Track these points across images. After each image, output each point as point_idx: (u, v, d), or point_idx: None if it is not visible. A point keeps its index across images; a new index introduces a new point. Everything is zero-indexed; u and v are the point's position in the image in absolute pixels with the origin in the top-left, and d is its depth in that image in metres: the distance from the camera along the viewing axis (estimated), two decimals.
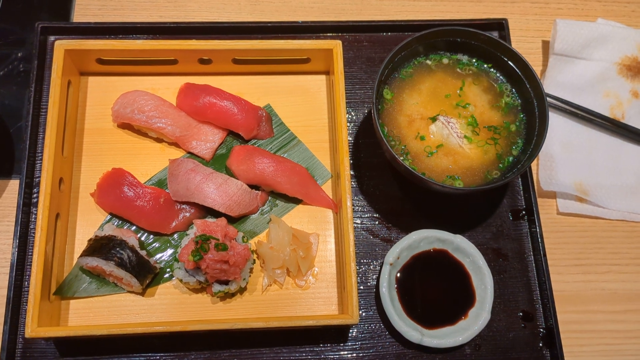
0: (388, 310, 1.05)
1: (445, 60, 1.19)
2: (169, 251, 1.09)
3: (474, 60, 1.18)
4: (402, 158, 1.08)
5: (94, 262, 1.00)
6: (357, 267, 1.11)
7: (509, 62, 1.15)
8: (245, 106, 1.16)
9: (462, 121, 1.14)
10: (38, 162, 1.12)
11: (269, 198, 1.14)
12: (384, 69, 1.11)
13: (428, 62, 1.18)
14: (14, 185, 1.14)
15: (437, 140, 1.13)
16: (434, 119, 1.14)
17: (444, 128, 1.13)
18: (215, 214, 1.10)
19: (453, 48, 1.18)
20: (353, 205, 1.16)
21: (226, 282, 1.03)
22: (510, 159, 1.12)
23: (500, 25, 1.31)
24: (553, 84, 1.31)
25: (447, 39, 1.16)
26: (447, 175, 1.10)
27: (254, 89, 1.21)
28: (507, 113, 1.15)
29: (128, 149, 1.15)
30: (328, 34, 1.29)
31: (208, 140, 1.17)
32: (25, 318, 0.98)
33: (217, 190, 1.07)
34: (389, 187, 1.20)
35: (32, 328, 0.94)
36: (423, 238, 1.11)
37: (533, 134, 1.11)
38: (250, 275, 1.06)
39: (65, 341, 1.03)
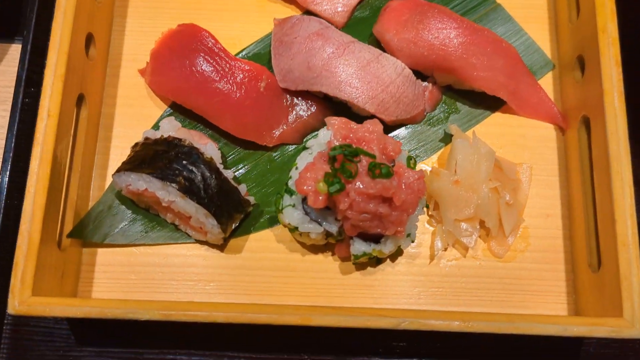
0: None
1: None
2: (271, 178, 0.79)
3: None
4: None
5: (141, 182, 0.71)
6: None
7: None
8: None
9: None
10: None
11: (443, 98, 0.81)
12: None
13: None
14: (15, 51, 0.86)
15: None
16: None
17: None
18: (353, 119, 0.75)
19: None
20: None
21: (377, 239, 0.71)
22: None
23: None
24: None
25: None
26: None
27: None
28: None
29: (204, 0, 0.86)
30: None
31: None
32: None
33: (362, 71, 0.74)
34: None
35: (21, 298, 0.61)
36: None
37: None
38: (415, 230, 0.75)
39: (85, 323, 0.72)
